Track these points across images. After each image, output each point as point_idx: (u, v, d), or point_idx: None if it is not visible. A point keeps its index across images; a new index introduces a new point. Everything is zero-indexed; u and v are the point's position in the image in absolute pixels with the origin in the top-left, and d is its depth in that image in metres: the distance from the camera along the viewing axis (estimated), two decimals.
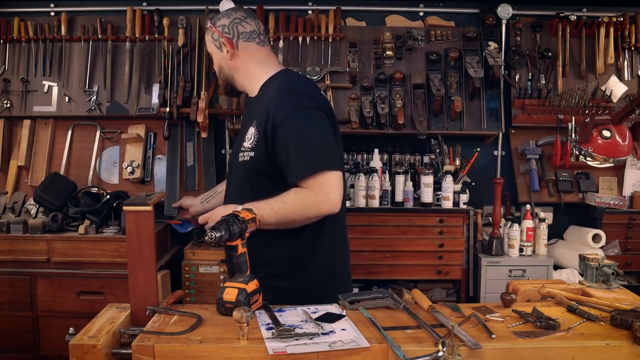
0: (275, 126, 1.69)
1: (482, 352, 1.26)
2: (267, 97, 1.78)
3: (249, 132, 1.77)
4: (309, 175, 1.66)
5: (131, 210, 1.47)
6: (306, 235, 1.75)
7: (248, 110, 1.94)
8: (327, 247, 1.81)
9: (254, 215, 1.57)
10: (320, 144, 1.71)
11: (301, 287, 1.69)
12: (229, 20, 1.86)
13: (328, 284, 1.78)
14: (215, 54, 1.91)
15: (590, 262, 1.73)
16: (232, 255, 1.52)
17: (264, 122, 1.71)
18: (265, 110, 1.72)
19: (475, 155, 3.03)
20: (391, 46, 3.13)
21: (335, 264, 1.86)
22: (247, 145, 1.76)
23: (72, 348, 1.30)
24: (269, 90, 1.81)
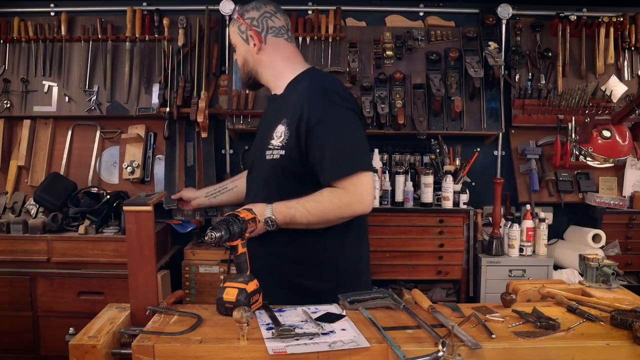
0: (310, 125, 1.68)
1: (482, 352, 1.26)
2: (297, 96, 1.75)
3: (278, 130, 1.74)
4: (345, 176, 1.67)
5: (131, 210, 1.47)
6: (334, 234, 1.75)
7: (273, 107, 1.87)
8: (353, 246, 1.83)
9: (254, 216, 1.57)
10: (355, 145, 1.73)
11: (329, 286, 1.68)
12: (258, 13, 1.84)
13: (354, 283, 1.78)
14: (240, 46, 1.88)
15: (590, 262, 1.73)
16: (233, 255, 1.52)
17: (297, 121, 1.69)
18: (297, 109, 1.70)
19: (475, 155, 3.03)
20: (391, 46, 3.13)
21: (360, 263, 1.88)
22: (276, 144, 1.73)
23: (72, 348, 1.30)
24: (298, 89, 1.79)
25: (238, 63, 1.92)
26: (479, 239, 2.90)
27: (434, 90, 2.99)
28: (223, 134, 3.23)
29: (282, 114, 1.76)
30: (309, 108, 1.69)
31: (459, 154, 3.07)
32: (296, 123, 1.70)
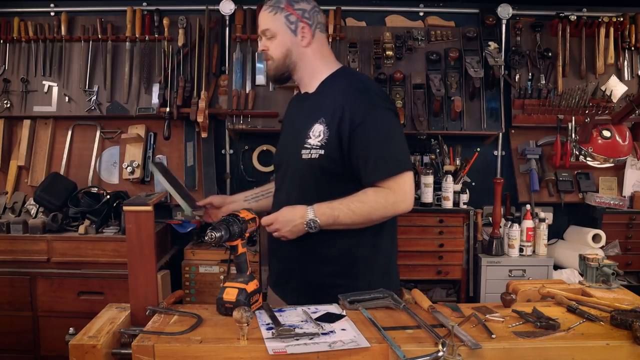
0: (353, 125, 1.67)
1: (482, 352, 1.26)
2: (335, 95, 1.73)
3: (315, 129, 1.71)
4: (390, 176, 1.67)
5: (131, 210, 1.47)
6: (369, 233, 1.75)
7: (305, 106, 1.83)
8: (385, 245, 1.83)
9: (254, 216, 1.57)
10: (398, 145, 1.73)
11: (361, 285, 1.66)
12: (309, 6, 1.80)
13: (386, 281, 1.78)
14: (285, 36, 1.78)
15: (590, 262, 1.73)
16: (233, 255, 1.52)
17: (338, 120, 1.68)
18: (337, 109, 1.69)
19: (475, 155, 3.03)
20: (391, 46, 3.13)
21: (391, 262, 1.89)
22: (314, 143, 1.70)
23: (72, 348, 1.30)
24: (335, 88, 1.77)
25: (275, 53, 1.80)
26: (479, 239, 2.90)
27: (434, 90, 2.99)
28: (223, 134, 3.23)
29: (319, 113, 1.73)
30: (351, 108, 1.68)
31: (459, 154, 3.07)
32: (337, 123, 1.68)
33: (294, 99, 1.99)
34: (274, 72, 1.84)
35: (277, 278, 1.88)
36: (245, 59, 3.16)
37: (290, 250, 1.75)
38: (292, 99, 2.05)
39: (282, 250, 1.79)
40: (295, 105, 1.95)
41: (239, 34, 3.15)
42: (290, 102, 2.02)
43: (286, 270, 1.80)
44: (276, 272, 1.89)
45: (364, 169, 1.68)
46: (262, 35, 1.83)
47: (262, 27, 1.81)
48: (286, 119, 1.99)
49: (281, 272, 1.85)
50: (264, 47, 1.83)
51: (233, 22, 3.18)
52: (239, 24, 3.16)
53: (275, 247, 1.86)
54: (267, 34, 1.80)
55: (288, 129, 1.91)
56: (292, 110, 1.96)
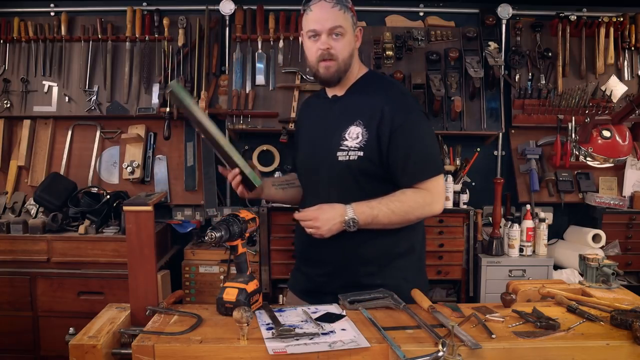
0: (394, 127, 1.69)
1: (482, 352, 1.26)
2: (372, 98, 1.75)
3: (352, 131, 1.72)
4: (429, 178, 1.72)
5: (131, 210, 1.47)
6: (404, 233, 1.78)
7: (337, 108, 1.80)
8: (418, 245, 1.86)
9: (253, 215, 1.57)
10: (435, 148, 1.82)
11: (397, 284, 1.71)
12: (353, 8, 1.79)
13: (419, 280, 1.83)
14: (351, 37, 1.76)
15: (590, 262, 1.73)
16: (233, 255, 1.52)
17: (377, 122, 1.70)
18: (376, 111, 1.71)
19: (475, 155, 3.03)
20: (391, 46, 3.13)
21: (422, 260, 1.92)
22: (352, 145, 1.71)
23: (72, 348, 1.30)
24: (369, 91, 1.78)
25: (343, 53, 1.74)
26: (479, 239, 2.90)
27: (434, 90, 2.99)
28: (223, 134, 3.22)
29: (354, 115, 1.74)
30: (391, 110, 1.71)
31: (459, 154, 3.07)
32: (377, 124, 1.70)
33: (316, 102, 1.93)
34: (336, 74, 1.76)
35: (313, 284, 1.82)
36: (245, 59, 3.16)
37: (330, 254, 1.75)
38: (309, 101, 2.02)
39: (319, 254, 1.79)
40: (319, 107, 1.89)
41: (239, 34, 3.15)
42: (309, 105, 1.98)
43: (324, 275, 1.79)
44: (309, 279, 1.84)
45: (403, 170, 1.71)
46: (325, 33, 1.71)
47: (333, 23, 1.71)
48: (309, 122, 1.92)
49: (318, 276, 1.81)
50: (328, 46, 1.72)
51: (233, 22, 3.18)
52: (239, 24, 3.16)
53: (308, 254, 1.84)
54: (338, 32, 1.72)
55: (315, 131, 1.85)
56: (315, 112, 1.90)
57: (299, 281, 1.90)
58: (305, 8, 1.76)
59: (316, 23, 1.72)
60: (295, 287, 1.93)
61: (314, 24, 1.72)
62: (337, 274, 1.77)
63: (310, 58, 1.78)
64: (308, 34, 1.74)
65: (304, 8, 1.76)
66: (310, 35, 1.74)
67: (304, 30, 1.76)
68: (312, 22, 1.73)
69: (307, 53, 1.79)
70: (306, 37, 1.76)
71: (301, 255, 1.91)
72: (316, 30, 1.72)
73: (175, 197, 3.18)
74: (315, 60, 1.75)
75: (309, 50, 1.77)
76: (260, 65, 3.13)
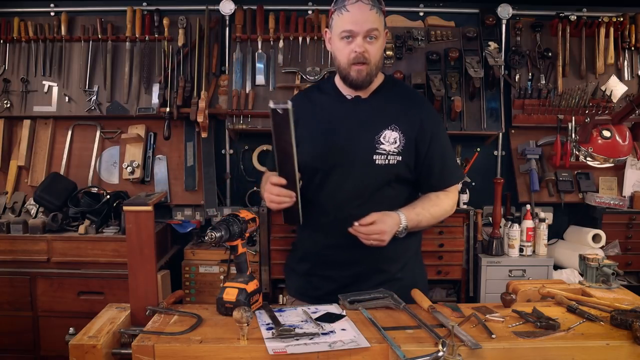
0: (431, 136, 1.77)
1: (482, 352, 1.26)
2: (403, 105, 1.78)
3: (387, 135, 1.73)
4: (457, 183, 1.88)
5: (131, 210, 1.47)
6: (418, 233, 1.88)
7: (362, 110, 1.77)
8: (421, 240, 1.98)
9: (253, 215, 1.57)
10: (455, 154, 2.03)
11: (417, 279, 1.85)
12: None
13: (422, 273, 1.96)
14: (383, 40, 1.73)
15: (590, 262, 1.73)
16: (233, 255, 1.52)
17: (417, 130, 1.75)
18: (415, 118, 1.76)
19: (475, 155, 3.03)
20: (391, 46, 3.13)
21: (421, 255, 2.01)
22: (390, 149, 1.72)
23: (72, 348, 1.30)
24: (396, 96, 1.80)
25: (377, 56, 1.71)
26: (479, 239, 2.90)
27: (434, 90, 2.99)
28: (223, 134, 3.23)
29: (387, 119, 1.74)
30: (427, 119, 1.78)
31: (459, 154, 3.07)
32: (416, 132, 1.75)
33: (322, 98, 1.85)
34: (368, 78, 1.73)
35: (337, 286, 1.75)
36: (245, 59, 3.16)
37: (360, 255, 1.76)
38: (310, 96, 1.89)
39: (346, 256, 1.78)
40: (332, 105, 1.82)
41: (239, 34, 3.15)
42: (311, 100, 1.86)
43: (351, 277, 1.79)
44: (334, 281, 1.79)
45: (437, 176, 1.80)
46: (362, 35, 1.67)
47: (371, 26, 1.66)
48: (314, 118, 1.81)
49: (344, 278, 1.79)
50: (364, 49, 1.68)
51: (233, 22, 3.18)
52: (239, 24, 3.16)
53: (331, 257, 1.79)
54: (373, 35, 1.68)
55: (330, 129, 1.77)
56: (325, 110, 1.82)
57: (317, 286, 1.82)
58: (338, 7, 1.69)
59: (354, 24, 1.66)
60: (309, 293, 1.83)
61: (351, 24, 1.66)
62: (369, 274, 1.79)
63: (341, 59, 1.72)
64: (342, 34, 1.68)
65: (336, 7, 1.70)
66: (344, 36, 1.68)
67: (336, 30, 1.70)
68: (348, 22, 1.66)
69: (337, 54, 1.73)
70: (337, 38, 1.70)
71: (318, 259, 1.82)
72: (353, 31, 1.66)
73: (175, 197, 3.18)
74: (347, 62, 1.70)
75: (341, 52, 1.71)
76: (260, 65, 3.13)
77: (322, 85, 1.91)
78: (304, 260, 1.87)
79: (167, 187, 3.17)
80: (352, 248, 1.72)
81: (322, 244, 1.80)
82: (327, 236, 1.77)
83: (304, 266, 1.86)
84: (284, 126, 1.54)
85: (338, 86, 1.83)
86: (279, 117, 1.53)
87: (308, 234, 1.85)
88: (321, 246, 1.81)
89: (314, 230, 1.81)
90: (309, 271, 1.85)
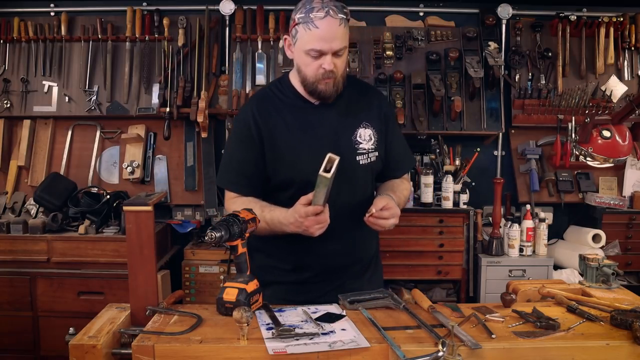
0: (388, 120, 1.82)
1: (482, 352, 1.26)
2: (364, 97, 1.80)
3: (361, 134, 1.74)
4: (411, 169, 1.96)
5: (131, 210, 1.47)
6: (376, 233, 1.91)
7: (333, 114, 1.74)
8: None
9: (253, 215, 1.57)
10: None
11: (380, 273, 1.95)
12: None
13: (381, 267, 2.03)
14: (347, 50, 1.71)
15: (590, 262, 1.73)
16: (233, 255, 1.52)
17: (383, 120, 1.79)
18: (374, 109, 1.78)
19: (475, 155, 3.03)
20: (391, 46, 3.13)
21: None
22: (368, 147, 1.76)
23: (72, 348, 1.30)
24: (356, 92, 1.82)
25: (342, 69, 1.69)
26: (479, 239, 2.90)
27: (434, 90, 2.99)
28: (223, 134, 3.23)
29: (357, 118, 1.77)
30: (383, 104, 1.84)
31: (459, 154, 3.07)
32: (381, 122, 1.79)
33: (287, 106, 1.77)
34: (335, 89, 1.70)
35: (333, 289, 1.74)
36: (245, 59, 3.16)
37: (359, 258, 1.83)
38: (277, 106, 1.78)
39: (347, 261, 1.81)
40: (303, 113, 1.76)
41: (239, 34, 3.15)
42: (278, 109, 1.77)
43: (349, 277, 1.82)
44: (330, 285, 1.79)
45: (396, 163, 1.79)
46: (331, 53, 1.64)
47: (339, 45, 1.63)
48: (287, 128, 1.74)
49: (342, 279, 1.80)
50: (333, 67, 1.65)
51: (233, 22, 3.18)
52: (239, 24, 3.16)
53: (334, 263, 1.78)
54: (341, 53, 1.66)
55: (307, 138, 1.73)
56: (297, 119, 1.75)
57: (309, 290, 1.78)
58: (305, 21, 1.62)
59: (324, 43, 1.61)
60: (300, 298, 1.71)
61: (321, 43, 1.61)
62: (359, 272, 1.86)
63: (308, 73, 1.67)
64: (310, 52, 1.63)
65: (302, 20, 1.63)
66: (312, 55, 1.63)
67: (302, 44, 1.64)
68: (317, 40, 1.60)
69: (302, 67, 1.68)
70: (303, 52, 1.65)
71: (318, 267, 1.79)
72: (323, 50, 1.62)
73: (175, 197, 3.17)
74: (315, 77, 1.67)
75: (308, 66, 1.66)
76: (260, 65, 3.13)
77: (279, 90, 1.80)
78: (298, 270, 1.80)
79: (167, 187, 3.17)
80: (352, 251, 1.77)
81: (320, 252, 1.75)
82: (325, 244, 1.71)
83: (300, 276, 1.79)
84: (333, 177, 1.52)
85: (299, 91, 1.76)
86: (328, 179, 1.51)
87: (303, 245, 1.74)
88: (320, 254, 1.76)
89: (310, 240, 1.69)
90: (308, 279, 1.79)
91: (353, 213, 1.72)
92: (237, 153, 1.78)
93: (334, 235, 1.68)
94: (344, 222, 1.71)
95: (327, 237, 1.64)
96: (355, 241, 1.80)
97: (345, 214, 1.71)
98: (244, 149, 1.75)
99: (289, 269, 1.80)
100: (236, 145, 1.79)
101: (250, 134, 1.73)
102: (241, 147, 1.76)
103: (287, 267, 1.79)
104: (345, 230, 1.74)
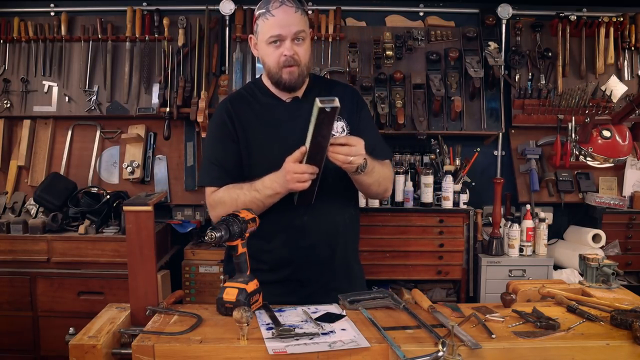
0: (360, 111, 1.86)
1: (482, 352, 1.26)
2: (334, 91, 1.76)
3: (335, 126, 1.73)
4: (389, 158, 1.93)
5: (131, 210, 1.47)
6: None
7: (306, 109, 1.66)
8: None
9: (253, 215, 1.57)
10: None
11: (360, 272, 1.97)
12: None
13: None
14: (309, 41, 1.75)
15: (590, 262, 1.73)
16: (233, 255, 1.52)
17: (353, 112, 1.83)
18: (346, 102, 1.75)
19: (475, 155, 3.03)
20: (391, 46, 3.13)
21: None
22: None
23: (72, 348, 1.30)
24: (324, 88, 1.85)
25: (305, 58, 1.74)
26: (479, 239, 2.90)
27: (434, 90, 2.99)
28: None
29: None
30: (353, 95, 1.88)
31: (459, 154, 3.07)
32: (352, 113, 1.83)
33: (274, 104, 1.82)
34: (300, 78, 1.74)
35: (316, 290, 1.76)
36: (245, 59, 3.16)
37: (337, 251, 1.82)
38: (250, 103, 1.84)
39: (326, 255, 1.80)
40: (276, 109, 1.81)
41: (239, 34, 3.15)
42: (250, 106, 1.82)
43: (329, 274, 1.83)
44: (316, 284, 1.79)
45: (371, 152, 1.75)
46: (290, 38, 1.69)
47: (296, 28, 1.68)
48: (262, 124, 1.79)
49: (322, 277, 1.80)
50: (293, 52, 1.70)
51: (233, 22, 3.18)
52: (239, 24, 3.16)
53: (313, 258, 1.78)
54: (301, 36, 1.70)
55: (287, 134, 1.75)
56: (272, 115, 1.80)
57: (293, 290, 1.78)
58: (262, 12, 1.70)
59: (281, 28, 1.67)
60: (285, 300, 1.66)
61: (279, 28, 1.67)
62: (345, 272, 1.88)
63: (271, 64, 1.73)
64: (270, 39, 1.69)
65: (260, 12, 1.71)
66: (271, 41, 1.69)
67: (262, 35, 1.71)
68: (275, 27, 1.67)
69: (266, 59, 1.74)
70: (264, 43, 1.71)
71: (296, 263, 1.78)
72: (281, 35, 1.68)
73: (175, 197, 3.18)
74: (277, 66, 1.71)
75: (270, 56, 1.72)
76: (260, 65, 3.12)
77: (252, 90, 1.87)
78: (277, 269, 1.79)
79: (167, 187, 3.17)
80: (331, 243, 1.78)
81: (297, 246, 1.75)
82: (303, 238, 1.74)
83: (278, 275, 1.78)
84: (327, 123, 1.52)
85: (271, 90, 1.82)
86: (324, 115, 1.49)
87: (277, 243, 1.77)
88: (296, 248, 1.76)
89: (287, 236, 1.74)
90: (289, 277, 1.78)
91: (329, 207, 1.77)
92: (217, 152, 1.81)
93: (307, 229, 1.75)
94: (318, 215, 1.75)
95: (301, 230, 1.73)
96: (329, 235, 1.77)
97: (319, 207, 1.73)
98: (223, 146, 1.79)
99: (267, 269, 1.77)
100: (215, 143, 1.83)
101: (227, 129, 1.78)
102: (220, 145, 1.80)
103: (264, 267, 1.77)
104: (319, 223, 1.76)
